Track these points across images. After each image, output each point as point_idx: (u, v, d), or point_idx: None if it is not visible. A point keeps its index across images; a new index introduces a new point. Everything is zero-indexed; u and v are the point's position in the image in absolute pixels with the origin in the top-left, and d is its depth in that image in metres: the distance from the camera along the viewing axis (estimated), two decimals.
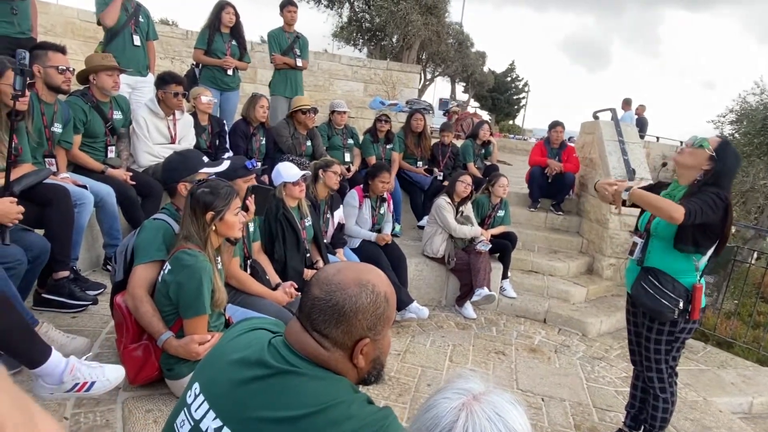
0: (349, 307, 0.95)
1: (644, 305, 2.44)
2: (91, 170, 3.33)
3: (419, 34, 16.19)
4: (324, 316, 0.96)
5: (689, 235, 2.28)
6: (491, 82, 30.29)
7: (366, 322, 0.97)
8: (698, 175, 2.32)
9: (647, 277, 2.42)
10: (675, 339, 2.45)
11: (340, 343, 0.97)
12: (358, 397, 0.95)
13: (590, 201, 5.76)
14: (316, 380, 0.94)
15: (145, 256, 2.05)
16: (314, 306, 0.97)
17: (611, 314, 4.65)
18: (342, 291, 0.96)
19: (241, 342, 1.03)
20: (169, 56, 9.29)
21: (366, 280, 0.98)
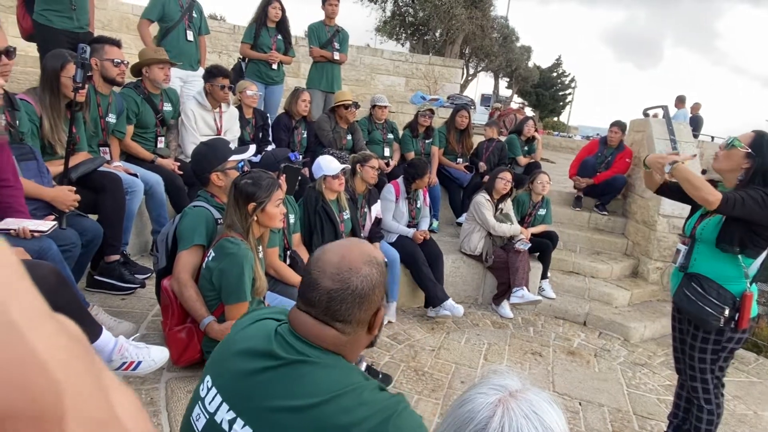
0: (368, 287, 0.97)
1: (688, 312, 2.34)
2: (141, 159, 3.48)
3: (463, 28, 15.99)
4: (346, 305, 0.96)
5: (734, 233, 2.16)
6: (536, 78, 29.62)
7: (381, 294, 1.01)
8: (740, 176, 2.20)
9: (690, 284, 2.32)
10: (722, 348, 2.34)
11: (362, 321, 0.99)
12: (369, 384, 0.96)
13: (637, 201, 5.55)
14: (327, 369, 0.95)
15: (189, 242, 2.13)
16: (332, 298, 0.96)
17: (656, 319, 4.48)
18: (357, 275, 0.97)
19: (248, 333, 1.04)
20: (217, 50, 9.55)
21: (369, 255, 1.00)
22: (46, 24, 3.52)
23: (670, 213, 4.93)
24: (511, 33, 22.24)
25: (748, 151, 2.15)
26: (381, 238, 4.00)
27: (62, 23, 3.56)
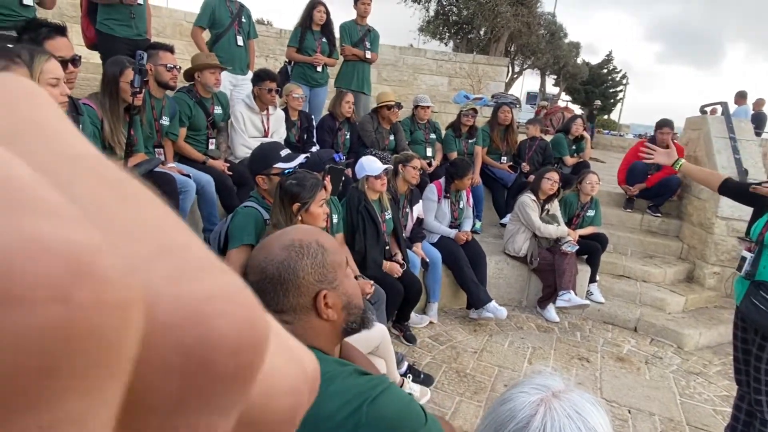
0: (286, 272, 0.92)
1: (756, 323, 2.20)
2: (193, 160, 3.63)
3: (508, 26, 15.72)
4: (269, 294, 0.92)
5: None
6: (585, 75, 28.73)
7: (311, 277, 0.93)
8: None
9: (758, 293, 2.17)
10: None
11: (299, 307, 0.94)
12: (342, 371, 0.89)
13: (693, 203, 5.28)
14: None
15: (238, 241, 2.21)
16: (257, 290, 0.93)
17: (712, 327, 4.25)
18: (271, 263, 0.93)
19: None
20: (264, 54, 9.81)
21: (290, 240, 0.95)
22: (108, 32, 3.73)
23: (729, 215, 4.67)
24: (559, 29, 21.67)
25: None
26: (423, 238, 4.00)
27: (122, 31, 3.76)
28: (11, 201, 0.09)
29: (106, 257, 0.10)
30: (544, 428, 0.64)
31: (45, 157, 0.11)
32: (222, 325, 0.11)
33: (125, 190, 0.12)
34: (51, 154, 0.11)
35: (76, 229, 0.10)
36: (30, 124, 0.12)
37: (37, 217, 0.09)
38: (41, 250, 0.09)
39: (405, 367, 2.92)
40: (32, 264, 0.09)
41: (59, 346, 0.09)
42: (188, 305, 0.11)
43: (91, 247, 0.10)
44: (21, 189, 0.09)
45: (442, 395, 2.94)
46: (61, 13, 6.85)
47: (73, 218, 0.10)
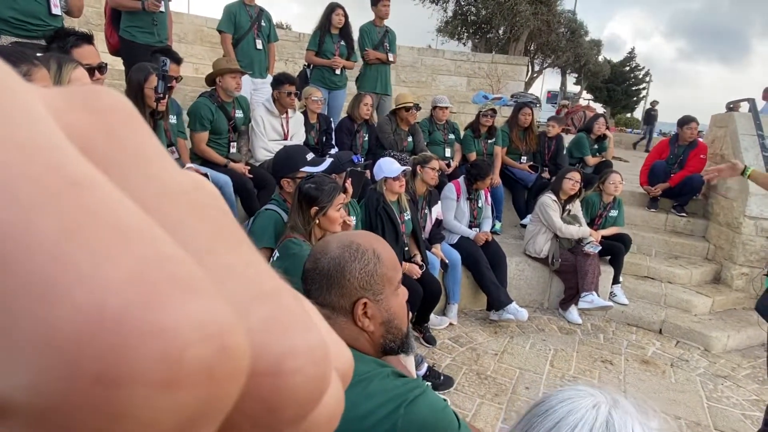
0: (335, 269, 0.95)
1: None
2: (215, 163, 3.69)
3: (527, 25, 15.57)
4: (316, 285, 0.97)
5: None
6: (607, 73, 28.26)
7: (356, 281, 0.95)
8: None
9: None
10: None
11: (339, 307, 0.96)
12: (380, 372, 0.90)
13: (720, 202, 5.15)
14: None
15: (258, 244, 2.24)
16: (307, 279, 0.99)
17: (741, 329, 4.13)
18: (325, 255, 0.97)
19: None
20: (283, 58, 9.91)
21: (349, 241, 0.98)
22: (131, 39, 3.82)
23: (757, 214, 4.54)
24: (579, 27, 21.36)
25: None
26: (442, 239, 3.99)
27: (145, 38, 3.85)
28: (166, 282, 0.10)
29: (239, 333, 0.11)
30: (608, 425, 0.61)
31: (148, 192, 0.11)
32: (297, 382, 0.12)
33: (224, 231, 0.12)
34: (154, 190, 0.12)
35: (217, 307, 0.10)
36: (130, 152, 0.12)
37: (187, 297, 0.10)
38: (197, 336, 0.10)
39: (425, 369, 2.91)
40: (190, 349, 0.10)
41: (197, 418, 0.10)
42: (273, 357, 0.12)
43: (231, 326, 0.10)
44: (172, 265, 0.10)
45: (463, 397, 2.93)
46: (86, 21, 7.04)
47: (213, 295, 0.10)
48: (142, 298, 0.09)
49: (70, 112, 0.12)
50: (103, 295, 0.09)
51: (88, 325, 0.09)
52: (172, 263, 0.10)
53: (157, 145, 0.12)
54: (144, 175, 0.12)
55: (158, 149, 0.12)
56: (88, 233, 0.09)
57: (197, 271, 0.10)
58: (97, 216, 0.10)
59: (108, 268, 0.09)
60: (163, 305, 0.10)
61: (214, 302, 0.10)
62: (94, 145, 0.11)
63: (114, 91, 0.13)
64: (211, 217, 0.12)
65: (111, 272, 0.09)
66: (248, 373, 0.11)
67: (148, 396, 0.09)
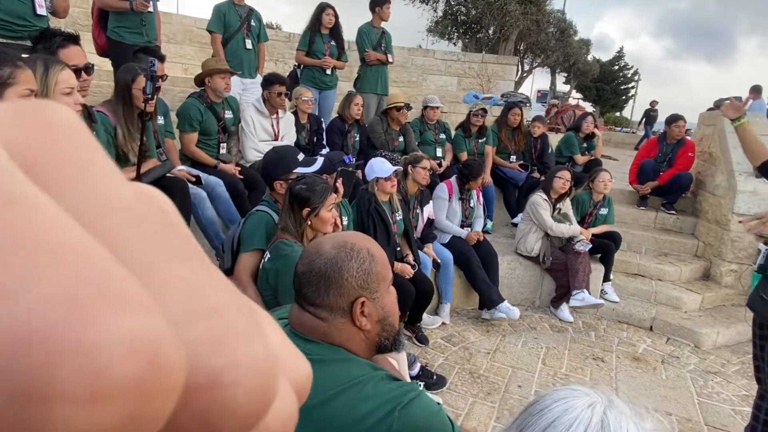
0: (332, 269, 0.95)
1: (762, 316, 2.17)
2: (205, 165, 3.66)
3: (517, 24, 15.64)
4: (312, 287, 0.96)
5: None
6: (596, 72, 28.44)
7: (354, 281, 0.96)
8: None
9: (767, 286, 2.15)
10: None
11: (336, 308, 0.96)
12: (374, 376, 0.91)
13: (708, 199, 5.21)
14: (325, 364, 0.91)
15: (249, 245, 2.23)
16: (302, 282, 0.97)
17: (730, 325, 4.18)
18: (321, 257, 0.96)
19: None
20: (273, 58, 9.86)
21: (343, 241, 0.98)
22: (119, 40, 3.78)
23: (745, 211, 4.58)
24: (569, 26, 21.50)
25: None
26: (434, 239, 3.99)
27: (133, 39, 3.81)
28: (96, 298, 0.10)
29: (172, 348, 0.11)
30: (603, 425, 0.61)
31: (88, 207, 0.11)
32: (236, 395, 0.12)
33: (168, 244, 0.12)
34: (95, 205, 0.12)
35: (149, 322, 0.10)
36: (72, 167, 0.12)
37: (117, 313, 0.10)
38: (124, 351, 0.10)
39: (418, 369, 2.91)
40: (116, 365, 0.10)
41: None
42: (211, 371, 0.12)
43: (162, 340, 0.10)
44: (104, 282, 0.10)
45: (455, 396, 2.93)
46: (73, 22, 6.96)
47: (146, 310, 0.10)
48: (69, 316, 0.09)
49: (13, 128, 0.11)
50: (28, 314, 0.09)
51: (11, 344, 0.09)
52: (104, 280, 0.10)
53: (102, 159, 0.12)
54: (85, 190, 0.12)
55: (103, 163, 0.12)
56: (18, 252, 0.10)
57: (131, 287, 0.10)
58: (30, 235, 0.10)
59: (36, 287, 0.09)
60: (91, 322, 0.10)
61: (146, 317, 0.10)
62: (36, 160, 0.11)
63: (60, 106, 0.13)
64: (154, 230, 0.12)
65: (39, 291, 0.09)
66: (184, 388, 0.11)
67: (70, 412, 0.09)
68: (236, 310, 0.13)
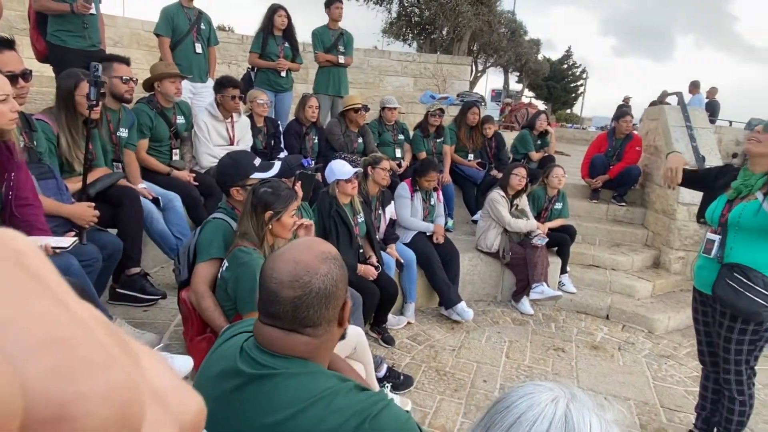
0: (331, 285, 0.95)
1: (732, 305, 2.21)
2: (157, 172, 3.53)
3: (470, 25, 15.92)
4: (313, 309, 0.93)
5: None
6: (546, 71, 29.33)
7: (343, 287, 0.98)
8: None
9: (733, 275, 2.20)
10: (759, 339, 2.27)
11: (332, 318, 0.97)
12: (343, 387, 0.91)
13: (656, 191, 5.46)
14: (293, 378, 0.90)
15: (207, 254, 2.15)
16: (297, 306, 0.93)
17: (680, 310, 4.39)
18: (316, 276, 0.94)
19: (221, 352, 1.01)
20: (226, 61, 9.66)
21: (322, 252, 0.97)
22: (60, 44, 3.60)
23: (689, 201, 4.84)
24: (519, 27, 22.07)
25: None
26: (396, 239, 4.00)
27: (75, 42, 3.64)
28: None
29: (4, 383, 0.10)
30: (566, 418, 0.62)
31: None
32: (88, 425, 0.11)
33: (12, 281, 0.12)
34: None
35: None
36: None
37: None
38: None
39: (384, 370, 2.91)
40: None
41: None
42: (58, 403, 0.11)
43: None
44: None
45: (423, 395, 2.94)
46: (9, 26, 6.59)
47: None
48: None
49: None
50: None
51: None
52: None
53: None
54: None
55: None
56: None
57: None
58: None
59: None
60: None
61: None
62: None
63: None
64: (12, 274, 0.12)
65: None
66: (26, 421, 0.10)
67: None
68: (90, 341, 0.12)
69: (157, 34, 4.43)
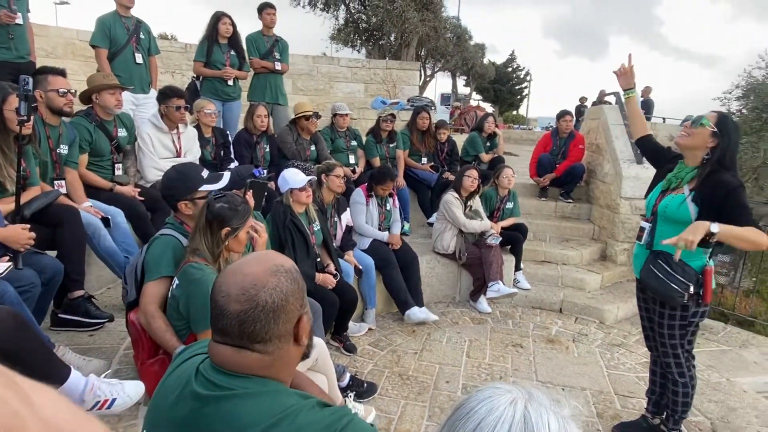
0: (280, 298, 0.92)
1: (654, 290, 2.37)
2: (99, 189, 3.36)
3: (416, 31, 16.15)
4: (260, 323, 0.90)
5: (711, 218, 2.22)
6: (492, 74, 30.13)
7: (297, 301, 0.95)
8: (705, 155, 2.27)
9: (657, 261, 2.35)
10: (688, 323, 2.41)
11: (284, 334, 0.94)
12: (305, 405, 0.89)
13: (599, 187, 5.70)
14: (253, 398, 0.88)
15: (155, 273, 2.06)
16: (243, 321, 0.90)
17: (627, 300, 4.60)
18: (263, 289, 0.91)
19: (175, 377, 0.98)
20: (170, 70, 9.36)
21: (273, 265, 0.95)
22: None
23: (631, 195, 5.09)
24: (464, 32, 22.56)
25: (714, 130, 2.23)
26: (354, 246, 3.98)
27: (1, 54, 3.42)
28: None
29: None
30: (525, 420, 0.62)
31: None
32: None
33: None
34: None
35: None
36: None
37: None
38: None
39: (347, 379, 2.88)
40: None
41: None
42: None
43: None
44: None
45: (387, 401, 2.94)
46: None
47: None
48: None
49: None
50: None
51: None
52: None
53: None
54: None
55: None
56: None
57: None
58: None
59: None
60: None
61: None
62: None
63: None
64: None
65: None
66: None
67: None
68: None
69: (94, 45, 4.24)
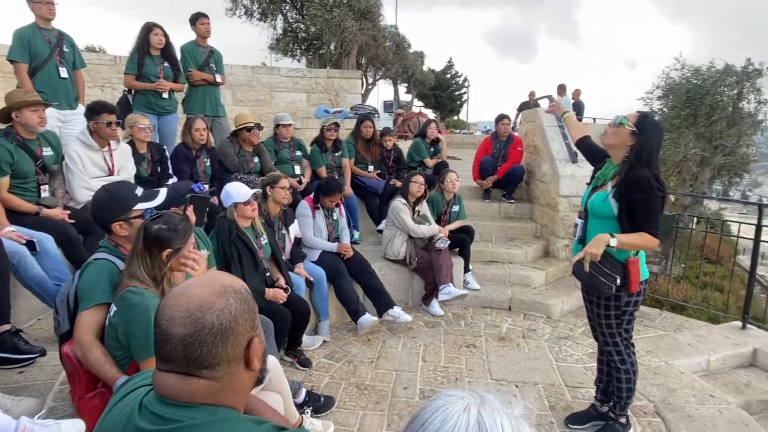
0: (227, 320, 0.87)
1: (585, 283, 2.51)
2: (24, 213, 3.12)
3: (356, 40, 16.23)
4: (206, 347, 0.85)
5: (625, 223, 2.37)
6: (432, 81, 30.72)
7: (247, 324, 0.91)
8: (625, 153, 2.41)
9: None
10: (622, 312, 2.54)
11: (234, 358, 0.89)
12: (260, 430, 0.86)
13: (539, 186, 5.93)
14: (199, 429, 0.83)
15: (90, 301, 1.92)
16: (188, 345, 0.85)
17: (571, 293, 4.80)
18: (210, 311, 0.87)
19: (117, 412, 0.93)
20: (99, 84, 8.90)
21: (221, 285, 0.91)
22: None
23: (568, 193, 5.32)
24: (403, 40, 22.91)
25: (633, 130, 2.37)
26: (303, 257, 3.92)
27: None
28: None
29: None
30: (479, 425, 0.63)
31: None
32: None
33: None
34: None
35: None
36: None
37: None
38: None
39: (303, 395, 2.82)
40: None
41: None
42: None
43: None
44: None
45: (346, 413, 2.89)
46: None
47: None
48: None
49: None
50: None
51: None
52: None
53: None
54: None
55: None
56: None
57: None
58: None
59: None
60: None
61: None
62: None
63: None
64: None
65: None
66: None
67: None
68: None
69: (12, 60, 3.96)
